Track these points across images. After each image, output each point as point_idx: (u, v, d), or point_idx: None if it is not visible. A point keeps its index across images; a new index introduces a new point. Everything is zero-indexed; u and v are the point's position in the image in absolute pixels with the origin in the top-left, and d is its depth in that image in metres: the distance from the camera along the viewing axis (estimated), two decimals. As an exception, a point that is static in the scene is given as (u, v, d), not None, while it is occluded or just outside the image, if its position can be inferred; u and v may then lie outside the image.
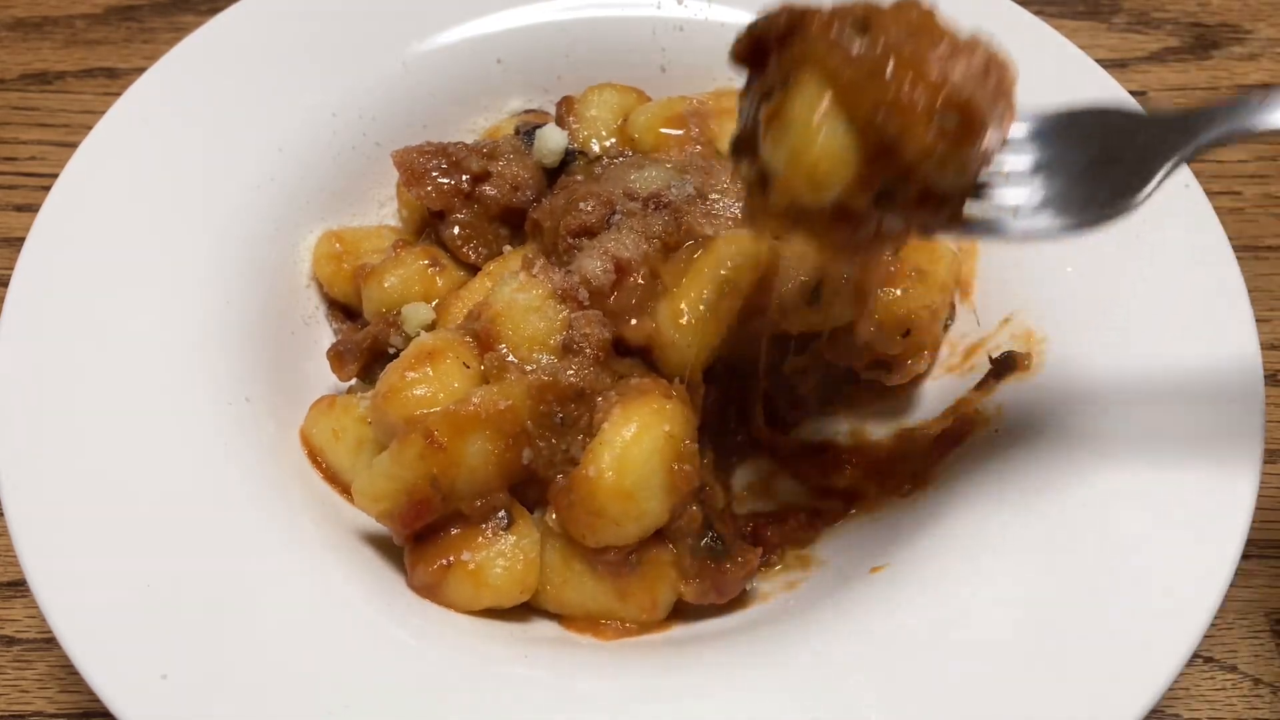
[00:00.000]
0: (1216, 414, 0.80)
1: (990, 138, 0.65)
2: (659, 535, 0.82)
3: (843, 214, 0.67)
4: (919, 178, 0.64)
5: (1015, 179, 0.71)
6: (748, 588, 0.85)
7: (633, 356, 0.84)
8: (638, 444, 0.78)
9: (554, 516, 0.82)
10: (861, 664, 0.73)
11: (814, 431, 0.97)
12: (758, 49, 0.69)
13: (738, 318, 0.85)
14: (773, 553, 0.88)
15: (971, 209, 0.68)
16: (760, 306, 0.86)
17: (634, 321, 0.83)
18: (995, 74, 0.65)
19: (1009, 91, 0.66)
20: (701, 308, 0.83)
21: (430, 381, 0.82)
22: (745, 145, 0.70)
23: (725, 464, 0.93)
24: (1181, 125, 0.69)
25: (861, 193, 0.65)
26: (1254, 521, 0.76)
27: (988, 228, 0.70)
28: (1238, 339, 0.83)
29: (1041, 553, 0.76)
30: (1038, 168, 0.71)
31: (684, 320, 0.82)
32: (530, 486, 0.83)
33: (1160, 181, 0.68)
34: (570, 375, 0.81)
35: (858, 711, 0.71)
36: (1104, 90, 0.98)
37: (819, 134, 0.64)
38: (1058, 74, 1.00)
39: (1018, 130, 0.72)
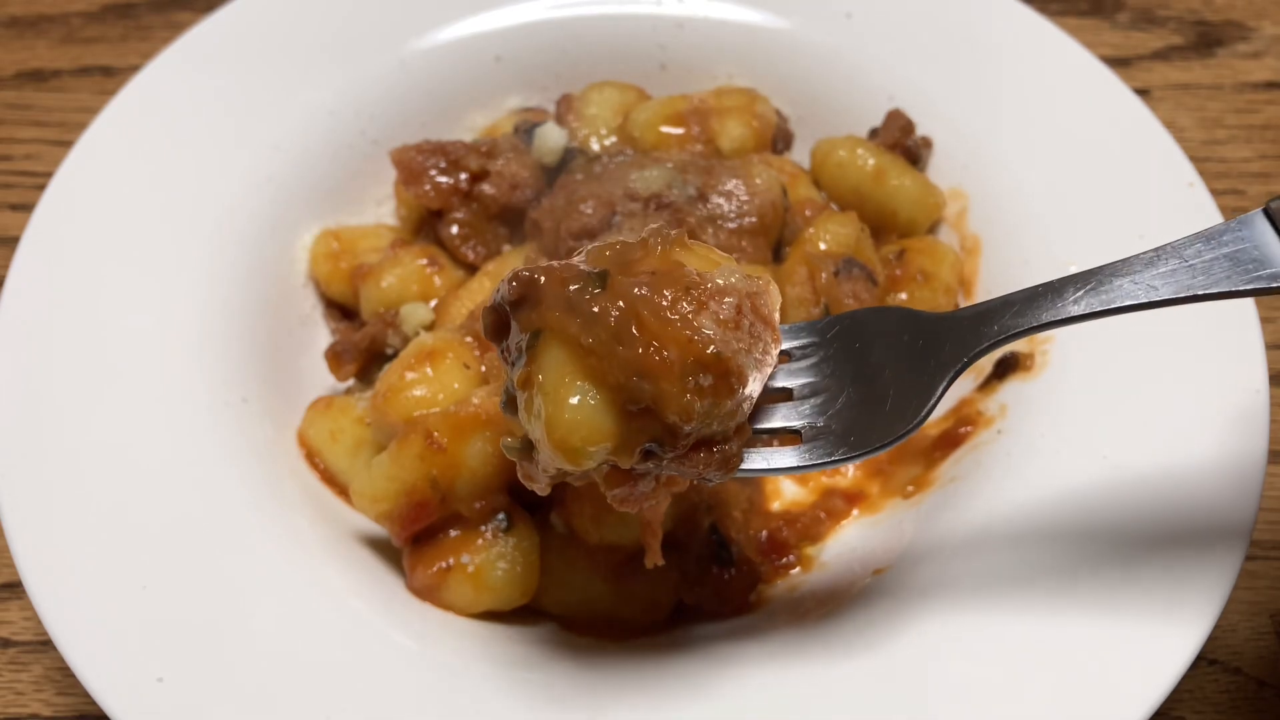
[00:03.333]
0: (1222, 421, 0.80)
1: (752, 384, 0.63)
2: (665, 539, 0.81)
3: (617, 473, 0.64)
4: (685, 434, 0.62)
5: (796, 399, 0.70)
6: (751, 597, 0.84)
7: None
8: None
9: (557, 514, 0.81)
10: (864, 667, 0.73)
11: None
12: (501, 323, 0.65)
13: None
14: (789, 553, 0.88)
15: (750, 453, 0.67)
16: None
17: None
18: (750, 313, 0.63)
19: (769, 319, 0.65)
20: None
21: (430, 382, 0.82)
22: (511, 405, 0.66)
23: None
24: (967, 328, 0.68)
25: (626, 455, 0.62)
26: (1258, 523, 0.75)
27: (767, 465, 0.68)
28: (1242, 343, 0.82)
29: (1045, 551, 0.76)
30: (817, 388, 0.70)
31: None
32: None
33: (940, 395, 0.66)
34: None
35: (860, 714, 0.70)
36: (1107, 90, 0.98)
37: (566, 405, 0.61)
38: (1060, 73, 0.99)
39: (797, 340, 0.71)
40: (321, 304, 1.00)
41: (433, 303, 0.92)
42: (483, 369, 0.83)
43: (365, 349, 0.93)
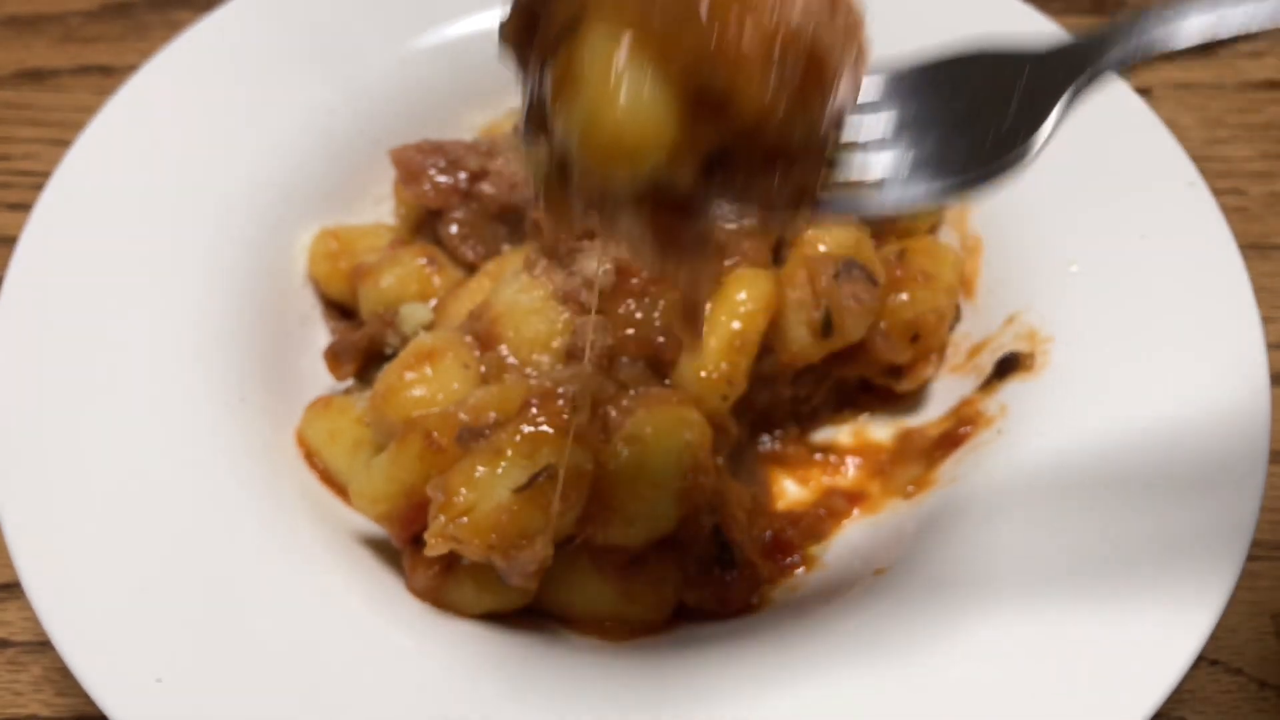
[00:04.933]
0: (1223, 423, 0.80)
1: (843, 89, 0.52)
2: (667, 539, 0.81)
3: (666, 200, 0.52)
4: (760, 140, 0.51)
5: (875, 145, 0.59)
6: (754, 599, 0.84)
7: (636, 363, 0.84)
8: (658, 446, 0.77)
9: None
10: (865, 667, 0.72)
11: (816, 432, 0.97)
12: (527, 25, 0.54)
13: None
14: (795, 553, 0.87)
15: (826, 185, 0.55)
16: (770, 346, 0.85)
17: (661, 340, 0.82)
18: (844, 10, 0.52)
19: (858, 33, 0.53)
20: (724, 365, 0.82)
21: (429, 382, 0.82)
22: (536, 123, 0.55)
23: (746, 475, 0.92)
24: (1073, 53, 0.58)
25: (686, 161, 0.51)
26: (1260, 523, 0.75)
27: (850, 202, 0.57)
28: (1243, 343, 0.82)
29: (1046, 552, 0.76)
30: (903, 127, 0.59)
31: (706, 376, 0.82)
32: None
33: (1059, 121, 0.56)
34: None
35: (861, 715, 0.70)
36: (1108, 88, 0.97)
37: (619, 90, 0.49)
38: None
39: (873, 85, 0.61)
40: (320, 304, 1.00)
41: (432, 302, 0.92)
42: (481, 369, 0.83)
43: (364, 349, 0.93)
